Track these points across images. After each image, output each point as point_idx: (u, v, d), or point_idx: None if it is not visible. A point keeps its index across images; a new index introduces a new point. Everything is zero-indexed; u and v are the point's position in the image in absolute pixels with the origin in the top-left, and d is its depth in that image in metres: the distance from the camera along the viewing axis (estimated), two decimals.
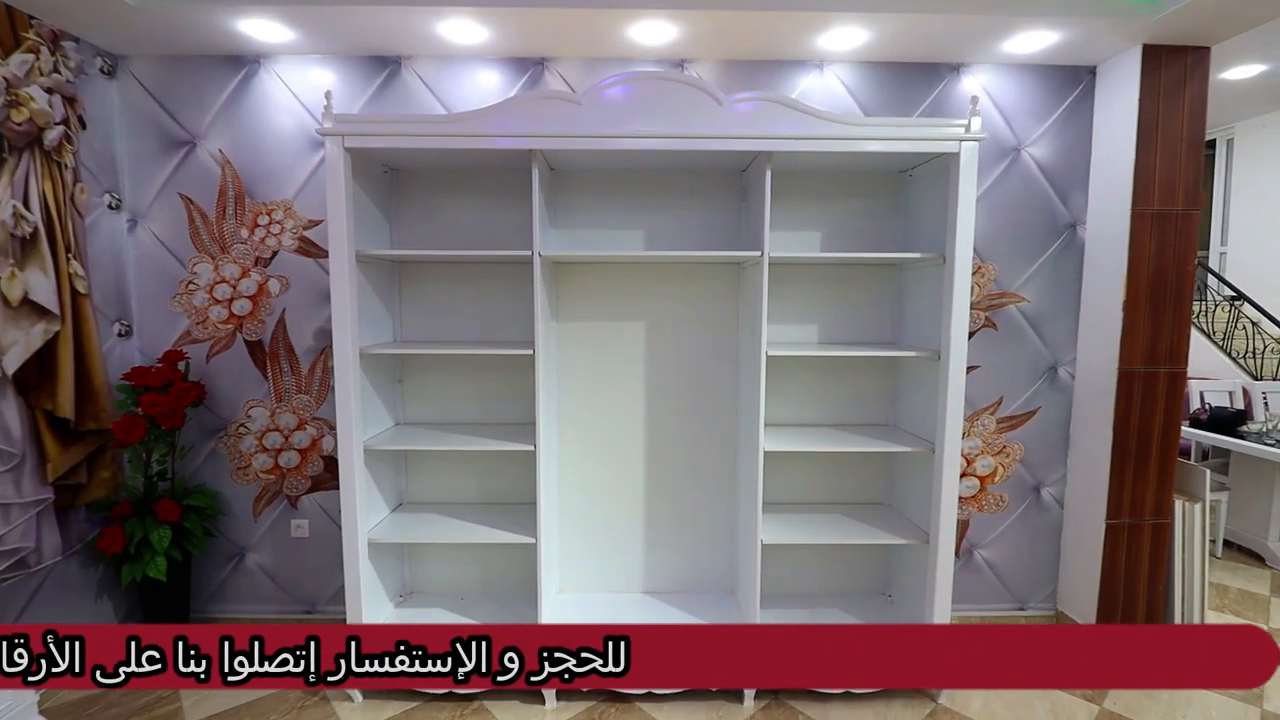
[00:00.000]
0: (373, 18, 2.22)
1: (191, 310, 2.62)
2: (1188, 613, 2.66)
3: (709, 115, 2.07)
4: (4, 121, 2.13)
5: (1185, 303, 2.49)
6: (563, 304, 2.57)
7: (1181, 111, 2.42)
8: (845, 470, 2.65)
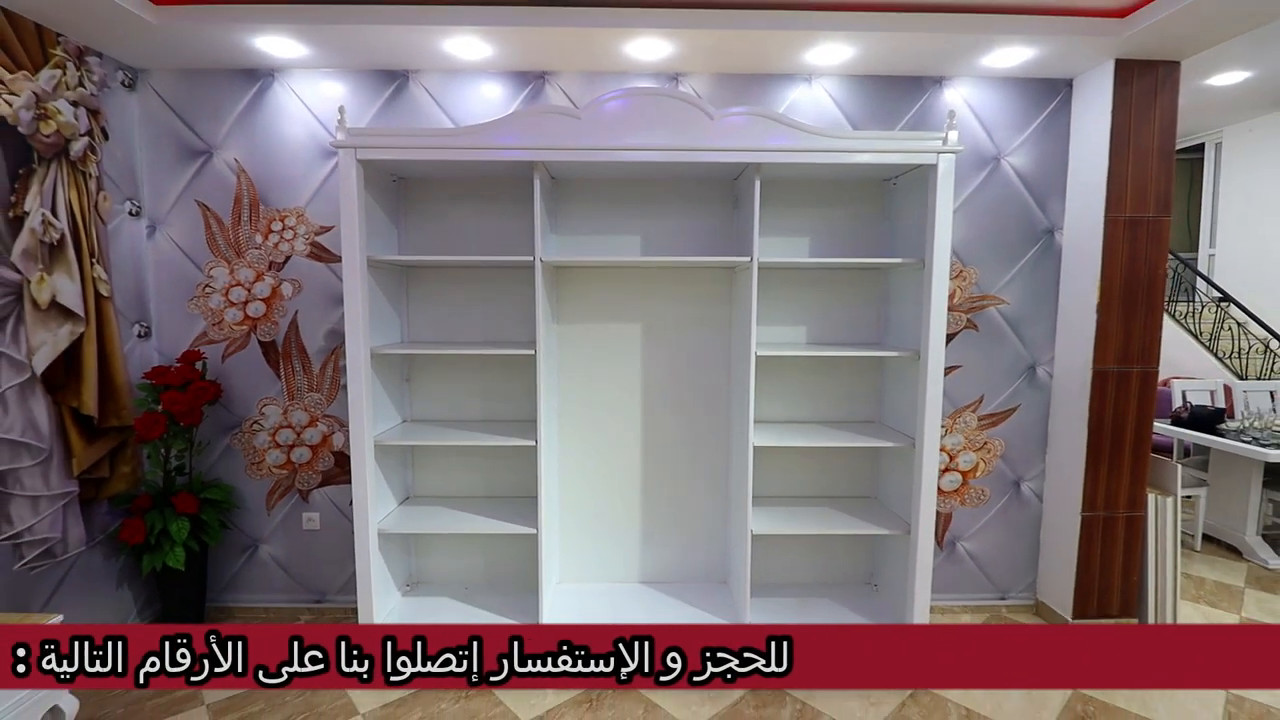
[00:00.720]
0: (382, 35, 2.34)
1: (208, 312, 2.74)
2: (1161, 602, 2.78)
3: (701, 129, 2.19)
4: (34, 134, 2.25)
5: (1156, 305, 2.62)
6: (563, 306, 2.69)
7: (1153, 122, 2.54)
8: (833, 465, 2.77)
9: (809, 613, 2.59)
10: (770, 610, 2.58)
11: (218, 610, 2.85)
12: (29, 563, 2.25)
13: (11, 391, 2.18)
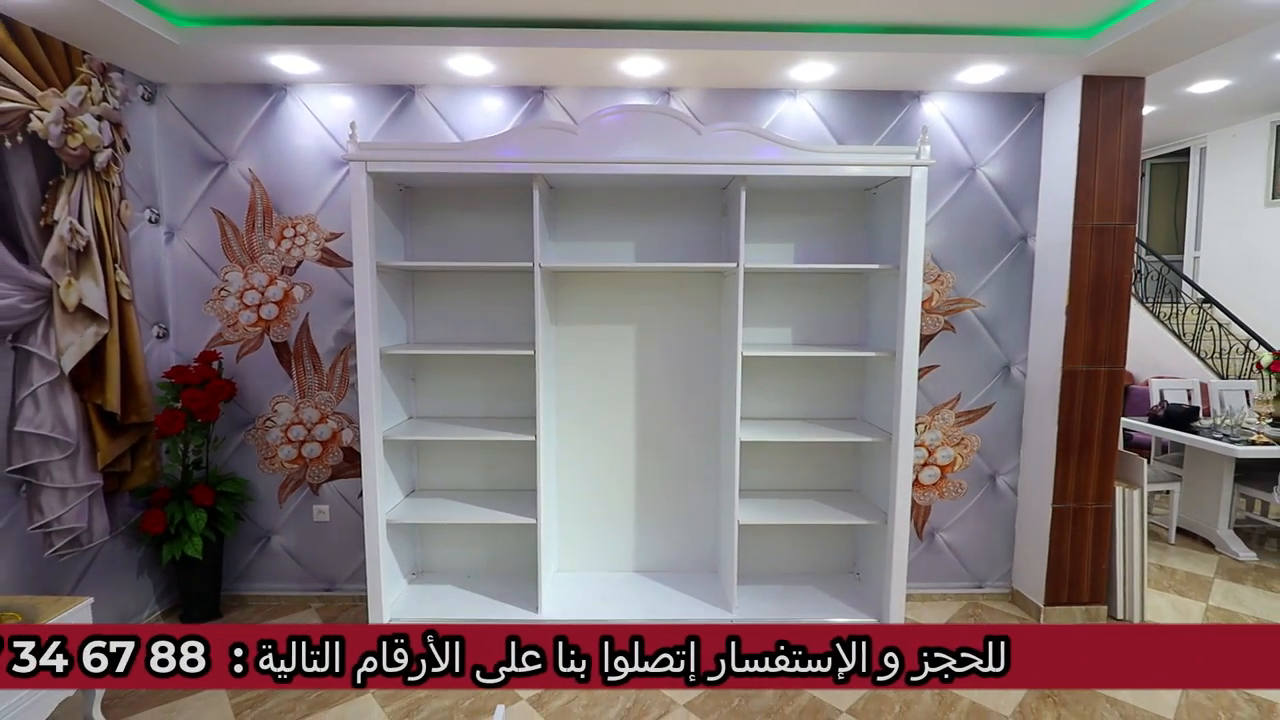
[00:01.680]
0: (390, 54, 2.48)
1: (223, 314, 2.88)
2: (1129, 590, 2.92)
3: (690, 143, 2.34)
4: (62, 147, 2.39)
5: (1122, 308, 2.76)
6: (561, 309, 2.83)
7: (1118, 135, 2.69)
8: (817, 460, 2.92)
9: (794, 600, 2.73)
10: (757, 597, 2.73)
11: (232, 599, 3.00)
12: (58, 550, 2.39)
13: (42, 389, 2.32)
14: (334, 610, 2.97)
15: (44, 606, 2.03)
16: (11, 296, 2.20)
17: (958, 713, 2.29)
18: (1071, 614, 2.90)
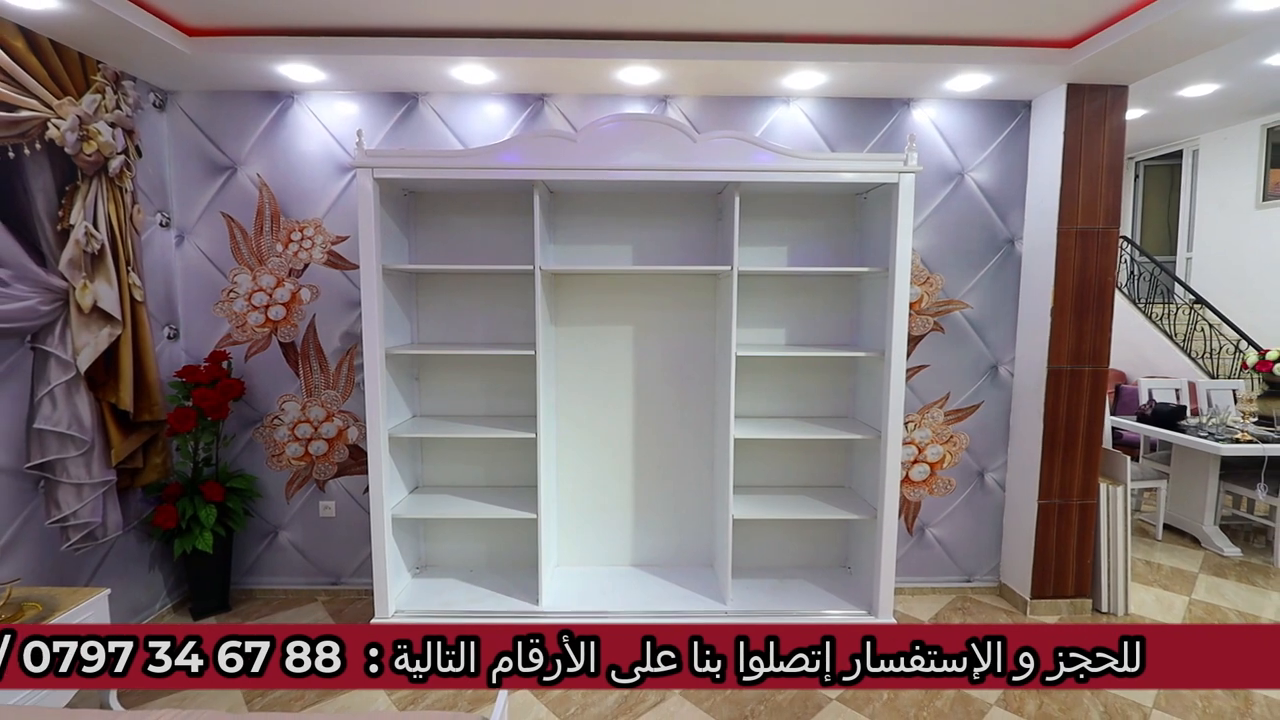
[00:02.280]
0: (395, 64, 2.56)
1: (232, 316, 2.96)
2: (1113, 583, 3.01)
3: (686, 150, 2.42)
4: (78, 154, 2.47)
5: (1106, 309, 2.84)
6: (560, 310, 2.91)
7: (1102, 142, 2.77)
8: (810, 457, 3.00)
9: (788, 593, 2.81)
10: (752, 591, 2.81)
11: (241, 592, 3.08)
12: (74, 544, 2.47)
13: (59, 388, 2.40)
14: (340, 604, 3.05)
15: (63, 597, 2.12)
16: (30, 299, 2.28)
17: (944, 700, 2.37)
18: (1057, 607, 2.98)
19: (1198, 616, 3.04)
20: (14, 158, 2.22)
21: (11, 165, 2.21)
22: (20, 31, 2.23)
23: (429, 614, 2.62)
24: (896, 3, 2.23)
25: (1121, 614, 3.00)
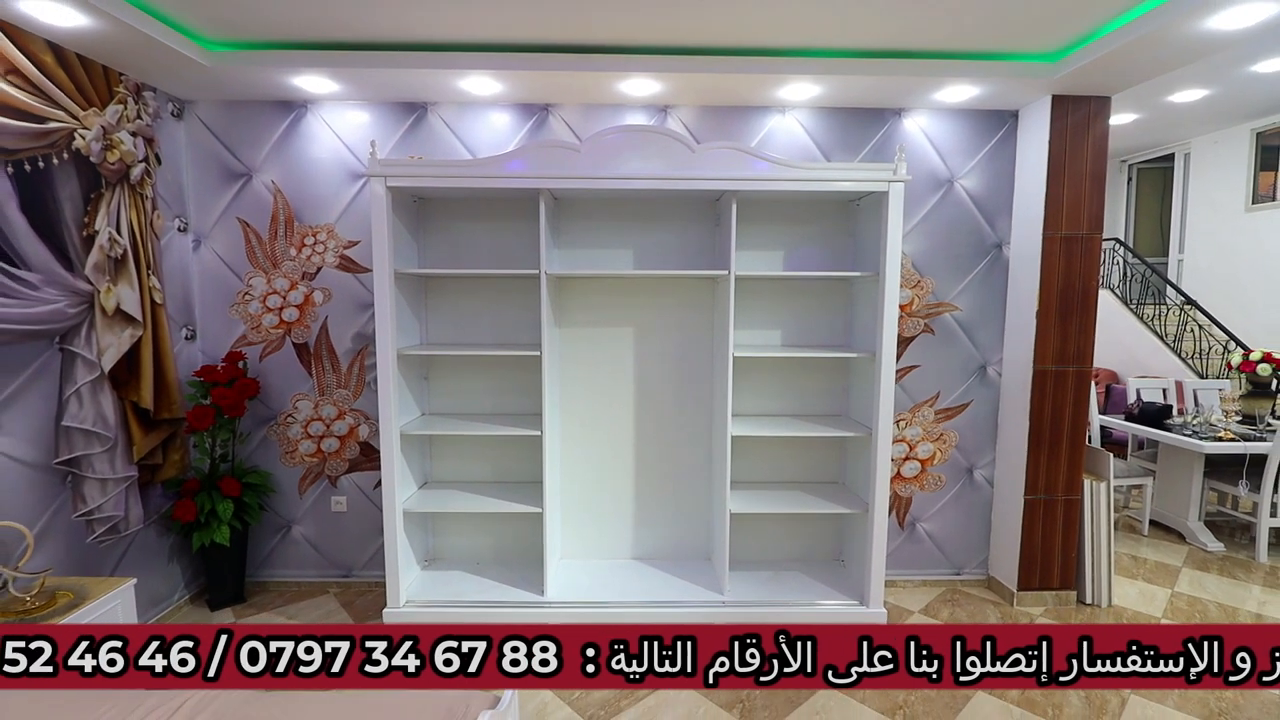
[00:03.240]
0: (406, 76, 2.67)
1: (247, 317, 3.07)
2: (1096, 576, 3.12)
3: (685, 159, 2.53)
4: (102, 162, 2.58)
5: (1090, 312, 2.95)
6: (564, 312, 3.02)
7: (1085, 151, 2.88)
8: (804, 454, 3.11)
9: (783, 585, 2.92)
10: (748, 583, 2.92)
11: (255, 584, 3.19)
12: (98, 537, 2.58)
13: (85, 387, 2.51)
14: (351, 595, 3.16)
15: (92, 586, 2.23)
16: (59, 302, 2.39)
17: None
18: (1043, 599, 3.09)
19: (1179, 608, 3.15)
20: (44, 167, 2.33)
21: (42, 175, 2.32)
22: (49, 47, 2.33)
23: (439, 604, 2.73)
24: (887, 19, 2.34)
25: (1105, 606, 3.12)
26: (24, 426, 2.28)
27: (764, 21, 2.35)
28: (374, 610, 2.96)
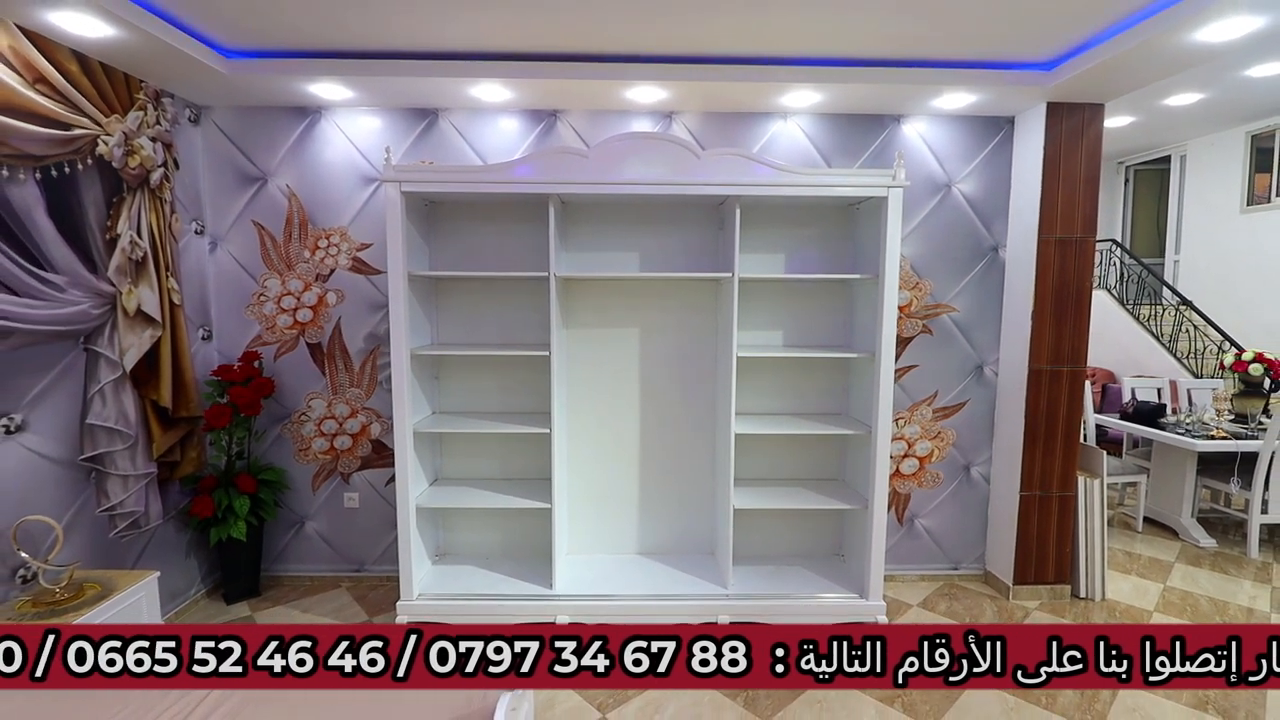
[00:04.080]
0: (418, 83, 2.74)
1: (262, 318, 3.15)
2: (1090, 570, 3.20)
3: (690, 165, 2.60)
4: (123, 167, 2.65)
5: (1084, 313, 3.03)
6: (571, 314, 3.09)
7: (1079, 156, 2.96)
8: (805, 451, 3.18)
9: (785, 579, 3.00)
10: (751, 577, 3.00)
11: (270, 579, 3.26)
12: (120, 531, 2.65)
13: (108, 386, 2.58)
14: (363, 589, 3.24)
15: (118, 579, 2.31)
16: (84, 303, 2.46)
17: None
18: (1038, 593, 3.17)
19: (1171, 602, 3.23)
20: (69, 173, 2.41)
21: (68, 180, 2.39)
22: (74, 55, 2.41)
23: (450, 597, 2.81)
24: (886, 29, 2.41)
25: (1099, 599, 3.20)
26: (51, 424, 2.36)
27: (767, 31, 2.43)
28: (387, 604, 3.04)
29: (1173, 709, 2.40)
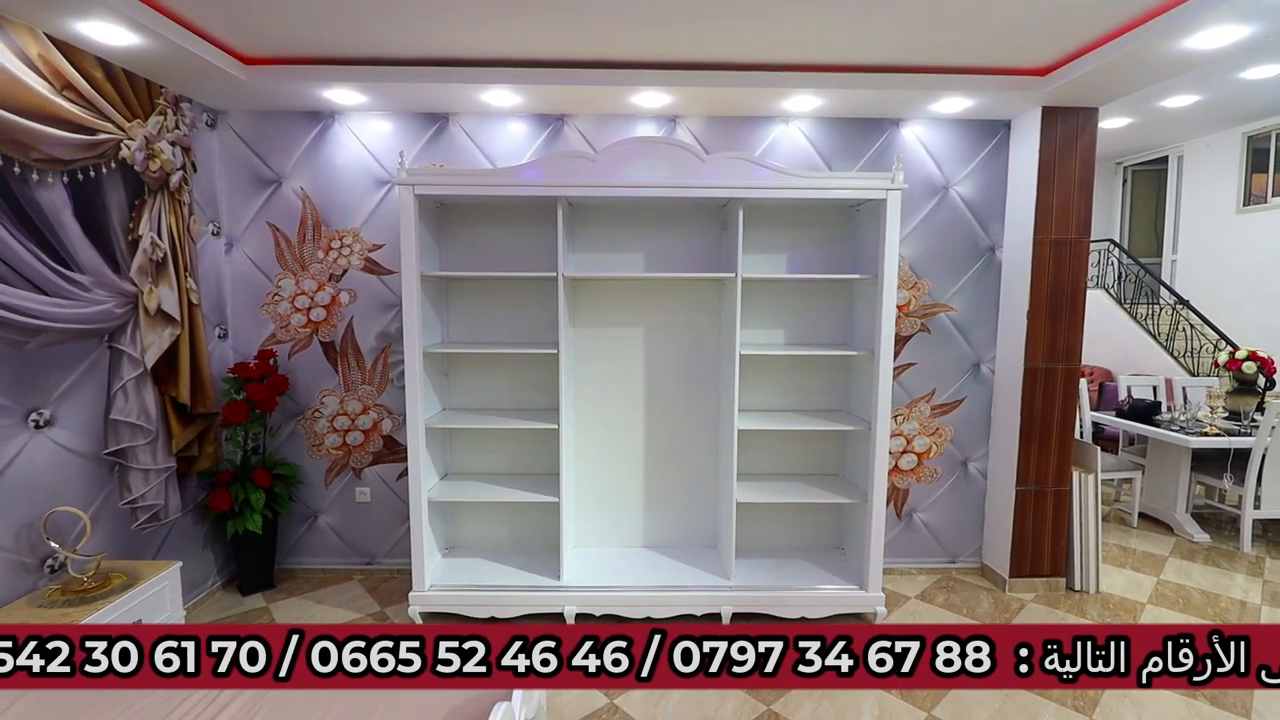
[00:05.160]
0: (430, 89, 2.82)
1: (276, 317, 3.23)
2: (1084, 564, 3.27)
3: (694, 168, 2.68)
4: (144, 170, 2.73)
5: (1078, 312, 3.10)
6: (578, 313, 3.17)
7: (1074, 159, 3.03)
8: (806, 447, 3.26)
9: (786, 571, 3.08)
10: (753, 569, 3.08)
11: (283, 571, 3.35)
12: (141, 524, 2.73)
13: (131, 383, 2.66)
14: (375, 582, 3.32)
15: (142, 569, 2.39)
16: (108, 302, 2.54)
17: None
18: (1034, 586, 3.25)
19: (1164, 595, 3.31)
20: (94, 176, 2.49)
21: (93, 183, 2.48)
22: (99, 63, 2.49)
23: (461, 588, 2.89)
24: (885, 37, 2.49)
25: (1093, 592, 3.27)
26: (78, 419, 2.44)
27: (769, 38, 2.51)
28: (398, 595, 3.12)
29: (1162, 694, 2.47)
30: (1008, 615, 3.07)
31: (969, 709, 2.41)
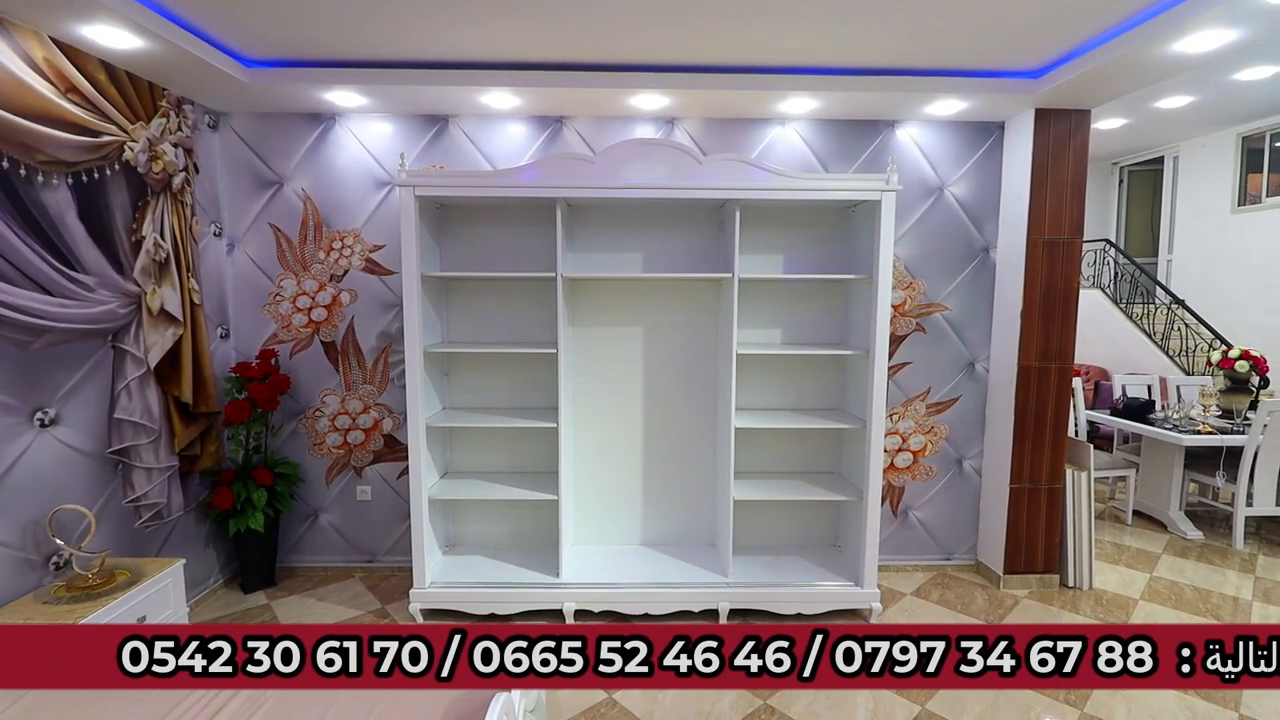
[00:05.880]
0: (430, 91, 2.85)
1: (278, 317, 3.26)
2: (1078, 560, 3.31)
3: (692, 170, 2.71)
4: (148, 172, 2.76)
5: (1071, 312, 3.14)
6: (577, 313, 3.20)
7: (1066, 161, 3.07)
8: (803, 445, 3.30)
9: (783, 568, 3.11)
10: (750, 566, 3.11)
11: (284, 569, 3.38)
12: (145, 522, 2.76)
13: (134, 382, 2.69)
14: (375, 579, 3.35)
15: (146, 566, 2.42)
16: (112, 302, 2.57)
17: None
18: (1027, 582, 3.29)
19: (1156, 591, 3.34)
20: (98, 178, 2.51)
21: (97, 185, 2.50)
22: (103, 65, 2.52)
23: (461, 585, 2.92)
24: (881, 39, 2.52)
25: (1086, 589, 3.31)
26: (82, 418, 2.47)
27: (765, 41, 2.54)
28: (399, 593, 3.15)
29: None
30: (1001, 611, 3.10)
31: (962, 703, 2.44)
